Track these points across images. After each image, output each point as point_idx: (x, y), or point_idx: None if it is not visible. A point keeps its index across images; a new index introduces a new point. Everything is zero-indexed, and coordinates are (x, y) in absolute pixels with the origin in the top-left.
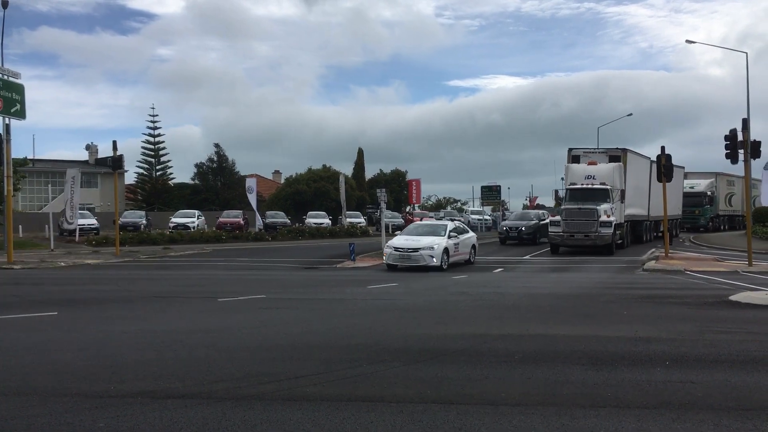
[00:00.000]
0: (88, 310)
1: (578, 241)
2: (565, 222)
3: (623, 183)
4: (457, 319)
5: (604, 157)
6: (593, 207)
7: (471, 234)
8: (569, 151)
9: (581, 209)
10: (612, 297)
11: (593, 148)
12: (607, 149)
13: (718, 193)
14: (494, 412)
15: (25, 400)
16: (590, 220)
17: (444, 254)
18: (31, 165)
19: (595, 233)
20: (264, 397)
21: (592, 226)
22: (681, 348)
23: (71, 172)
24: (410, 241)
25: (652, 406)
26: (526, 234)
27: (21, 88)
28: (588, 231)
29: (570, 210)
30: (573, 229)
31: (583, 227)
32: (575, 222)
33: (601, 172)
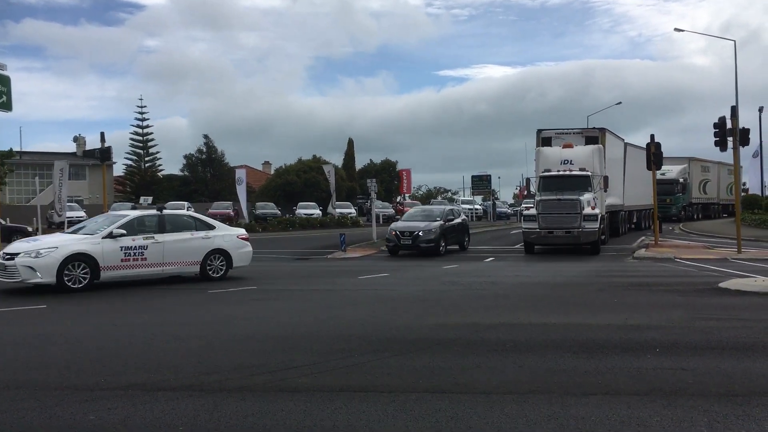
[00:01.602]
0: (77, 302)
1: (558, 239)
2: (542, 216)
3: (604, 168)
4: (449, 308)
5: (580, 139)
6: (575, 198)
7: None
8: (538, 133)
9: (561, 201)
10: (602, 285)
11: (566, 129)
12: (583, 129)
13: (691, 180)
14: (486, 401)
15: (15, 393)
16: (572, 214)
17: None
18: (18, 157)
19: (579, 229)
20: (256, 388)
21: (574, 220)
22: (671, 335)
23: (59, 164)
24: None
25: (643, 393)
26: (424, 241)
27: (7, 79)
28: (570, 226)
29: (548, 202)
30: (551, 224)
31: (563, 222)
32: (554, 216)
33: (579, 155)
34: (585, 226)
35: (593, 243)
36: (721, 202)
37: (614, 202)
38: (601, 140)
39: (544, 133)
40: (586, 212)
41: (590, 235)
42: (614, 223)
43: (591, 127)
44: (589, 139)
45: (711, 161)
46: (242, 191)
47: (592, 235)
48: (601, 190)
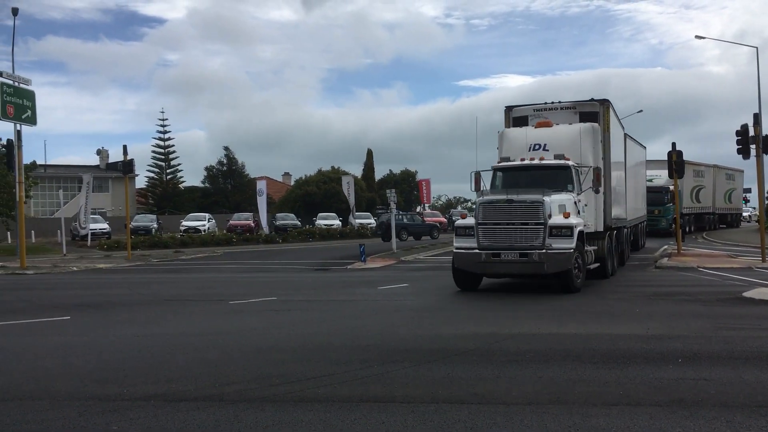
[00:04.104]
0: (101, 314)
1: (508, 267)
2: (483, 229)
3: (601, 158)
4: (468, 318)
5: (571, 116)
6: (536, 199)
7: None
8: (507, 112)
9: (513, 204)
10: (624, 295)
11: (550, 103)
12: (576, 103)
13: (682, 187)
14: (506, 412)
15: (39, 404)
16: (530, 225)
17: None
18: (42, 170)
19: (540, 251)
20: (275, 398)
21: (533, 235)
22: (694, 345)
23: (86, 177)
24: None
25: (664, 403)
26: None
27: (32, 94)
28: (525, 246)
29: (492, 206)
30: (497, 242)
31: (516, 239)
32: (502, 229)
33: (559, 137)
34: (552, 245)
35: (563, 275)
36: (718, 211)
37: (619, 214)
38: (603, 119)
39: (517, 111)
40: (553, 222)
41: (559, 261)
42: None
43: (588, 99)
44: (586, 116)
45: (705, 164)
46: (263, 202)
47: (563, 261)
48: (591, 190)
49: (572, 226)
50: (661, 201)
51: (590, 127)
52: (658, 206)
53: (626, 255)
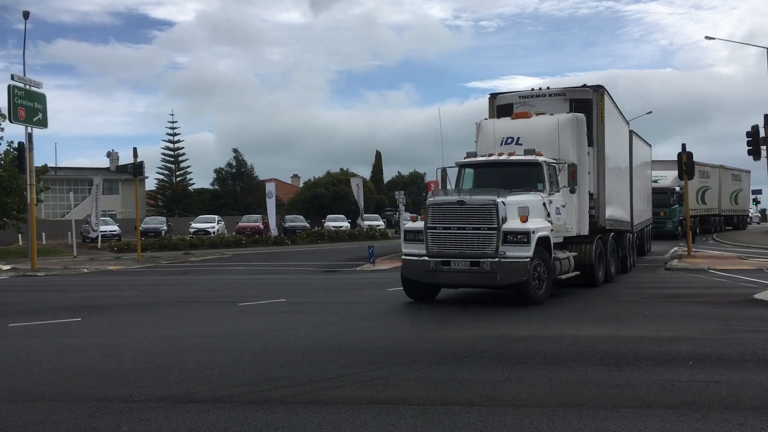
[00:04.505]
0: (111, 315)
1: (457, 277)
2: (432, 234)
3: (596, 151)
4: (478, 320)
5: (561, 104)
6: (489, 201)
7: None
8: (491, 100)
9: (463, 206)
10: (634, 296)
11: (538, 89)
12: (567, 89)
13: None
14: (516, 414)
15: (51, 405)
16: (481, 231)
17: None
18: (53, 173)
19: (493, 259)
20: (285, 400)
21: (484, 242)
22: (705, 347)
23: (97, 180)
24: None
25: (675, 406)
26: None
27: (42, 97)
28: (477, 253)
29: (442, 208)
30: (447, 248)
31: (467, 245)
32: (452, 234)
33: (534, 130)
34: (506, 253)
35: (519, 286)
36: (723, 213)
37: (619, 216)
38: (597, 108)
39: (502, 99)
40: (507, 228)
41: (513, 271)
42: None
43: (581, 85)
44: (577, 104)
45: (710, 165)
46: (272, 204)
47: (517, 271)
48: (569, 190)
49: (528, 232)
50: (666, 203)
51: (572, 119)
52: (664, 208)
53: (631, 260)
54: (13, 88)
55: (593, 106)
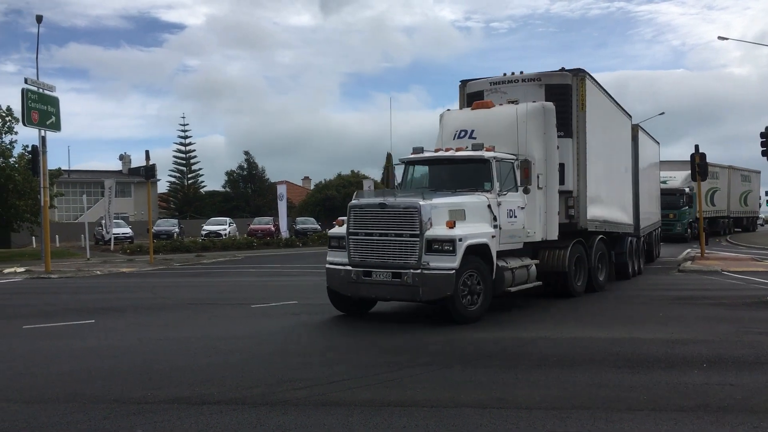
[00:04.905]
0: (124, 317)
1: (379, 290)
2: (354, 241)
3: (556, 148)
4: (490, 322)
5: (535, 90)
6: (409, 204)
7: None
8: (462, 88)
9: (385, 209)
10: (647, 298)
11: (512, 74)
12: (542, 74)
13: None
14: (528, 416)
15: (65, 407)
16: (403, 238)
17: None
18: (67, 176)
19: (416, 270)
20: (298, 402)
21: (407, 251)
22: (719, 350)
23: (109, 182)
24: None
25: (689, 409)
26: None
27: (56, 100)
28: (399, 263)
29: (362, 211)
30: (369, 257)
31: (389, 254)
32: (374, 241)
33: (493, 121)
34: (429, 263)
35: (447, 301)
36: (733, 215)
37: (611, 216)
38: (577, 94)
39: (472, 86)
40: (431, 234)
41: (437, 285)
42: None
43: (558, 70)
44: (554, 90)
45: (719, 165)
46: (283, 207)
47: (441, 285)
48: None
49: (454, 240)
50: (676, 204)
51: (537, 108)
52: (673, 210)
53: (634, 266)
54: (27, 92)
55: (572, 93)
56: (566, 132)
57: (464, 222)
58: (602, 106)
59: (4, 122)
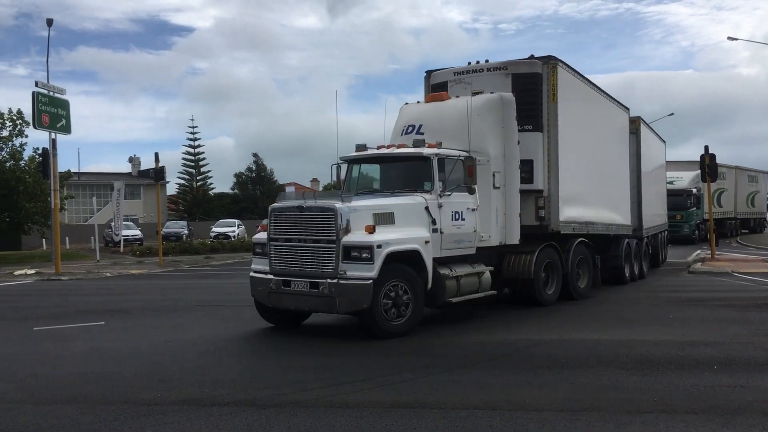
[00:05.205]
0: (134, 319)
1: (298, 301)
2: (274, 247)
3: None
4: (499, 324)
5: (501, 80)
6: (326, 206)
7: None
8: (427, 79)
9: (303, 213)
10: (657, 300)
11: (477, 62)
12: (508, 62)
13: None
14: (538, 418)
15: (75, 408)
16: (321, 245)
17: None
18: (76, 178)
19: (332, 280)
20: (307, 403)
21: (324, 258)
22: (730, 351)
23: (118, 184)
24: None
25: (700, 411)
26: None
27: (66, 103)
28: (317, 272)
29: (282, 215)
30: (288, 265)
31: (306, 261)
32: (292, 248)
33: (444, 116)
34: (346, 272)
35: (365, 314)
36: (739, 216)
37: (596, 218)
38: (548, 83)
39: (436, 77)
40: (347, 241)
41: (354, 296)
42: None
43: (527, 57)
44: (524, 80)
45: (726, 166)
46: None
47: (358, 296)
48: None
49: (371, 246)
50: (683, 205)
51: (492, 100)
52: (680, 211)
53: (633, 270)
54: (37, 95)
55: (542, 83)
56: (535, 125)
57: (392, 226)
58: (584, 97)
59: (15, 125)
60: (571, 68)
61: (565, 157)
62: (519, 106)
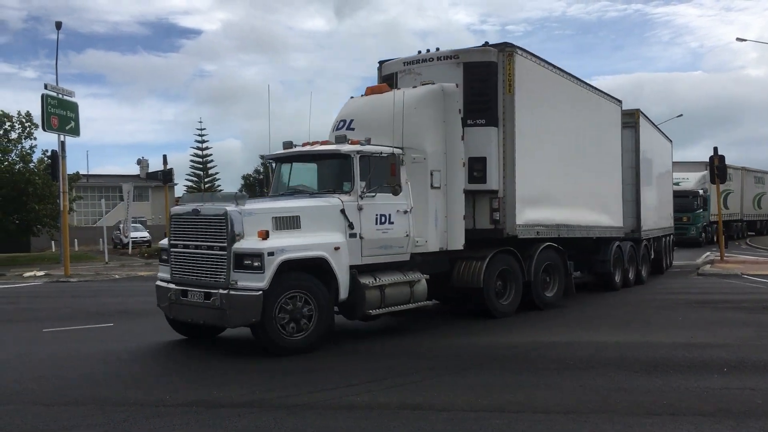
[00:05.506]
0: (143, 320)
1: (193, 313)
2: (174, 253)
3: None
4: (505, 326)
5: (452, 70)
6: (217, 210)
7: None
8: (379, 70)
9: (198, 217)
10: (666, 302)
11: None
12: (460, 51)
13: (711, 192)
14: (546, 420)
15: (85, 409)
16: (214, 251)
17: None
18: (85, 181)
19: (224, 290)
20: (315, 405)
21: (216, 267)
22: (739, 354)
23: (126, 187)
24: None
25: (709, 413)
26: None
27: (75, 106)
28: (210, 282)
29: (179, 219)
30: (185, 272)
31: (202, 270)
32: (189, 255)
33: (377, 110)
34: (237, 282)
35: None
36: (746, 218)
37: (580, 220)
38: (504, 73)
39: (386, 68)
40: (238, 248)
41: (243, 309)
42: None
43: (481, 45)
44: (477, 69)
45: (733, 167)
46: None
47: (247, 309)
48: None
49: (261, 254)
50: (690, 207)
51: (434, 91)
52: (687, 213)
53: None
54: (47, 97)
55: (498, 72)
56: (489, 119)
57: (296, 231)
58: (554, 87)
59: (24, 127)
60: (536, 57)
61: (526, 154)
62: (471, 98)
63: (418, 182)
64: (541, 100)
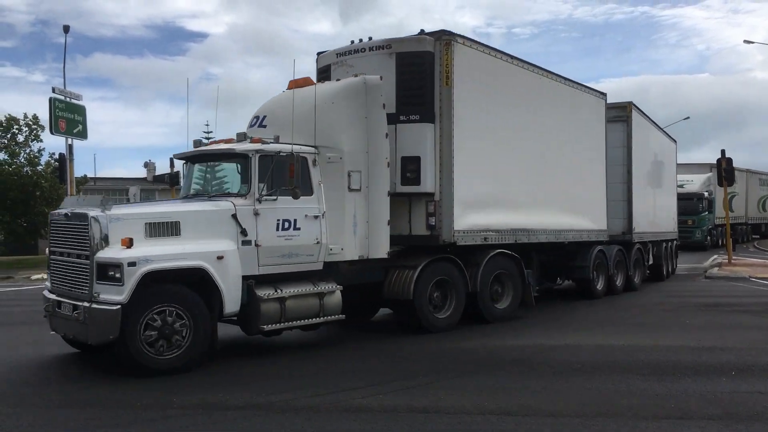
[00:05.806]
0: None
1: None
2: (52, 261)
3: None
4: (512, 329)
5: (385, 61)
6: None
7: None
8: (317, 61)
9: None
10: (673, 306)
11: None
12: (392, 40)
13: (715, 195)
14: (553, 423)
15: (91, 411)
16: (79, 260)
17: None
18: (93, 183)
19: (87, 304)
20: (322, 408)
21: (81, 277)
22: (748, 357)
23: (133, 189)
24: None
25: (717, 417)
26: None
27: (82, 109)
28: (75, 293)
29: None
30: (59, 282)
31: (71, 280)
32: (62, 263)
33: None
34: (99, 294)
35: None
36: (750, 221)
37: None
38: (441, 64)
39: (321, 60)
40: (100, 257)
41: (102, 324)
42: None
43: (417, 33)
44: (412, 60)
45: (738, 169)
46: None
47: (105, 325)
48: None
49: (120, 264)
50: (695, 210)
51: (355, 84)
52: (692, 216)
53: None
54: (54, 101)
55: (434, 63)
56: (424, 115)
57: (175, 238)
58: (507, 79)
59: (31, 130)
60: (484, 45)
61: (469, 153)
62: (404, 91)
63: (334, 184)
64: (491, 93)
